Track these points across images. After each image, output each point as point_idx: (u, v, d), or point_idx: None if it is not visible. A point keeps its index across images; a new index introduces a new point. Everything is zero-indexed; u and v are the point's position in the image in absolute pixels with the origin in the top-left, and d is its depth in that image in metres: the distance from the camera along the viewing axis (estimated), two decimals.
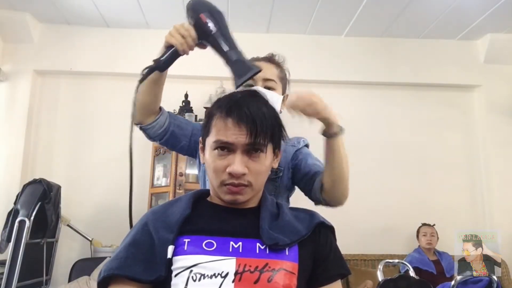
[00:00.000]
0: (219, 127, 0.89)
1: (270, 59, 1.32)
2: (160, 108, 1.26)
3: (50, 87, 3.44)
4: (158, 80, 1.15)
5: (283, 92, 1.31)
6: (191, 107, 3.18)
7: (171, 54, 1.06)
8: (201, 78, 3.38)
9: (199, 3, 1.07)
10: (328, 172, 1.12)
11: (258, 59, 1.31)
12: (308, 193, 1.22)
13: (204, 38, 1.06)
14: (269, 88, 1.25)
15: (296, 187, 1.30)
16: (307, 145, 1.35)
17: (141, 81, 1.06)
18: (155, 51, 1.07)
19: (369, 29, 3.49)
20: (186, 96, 3.20)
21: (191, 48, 1.06)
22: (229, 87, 3.20)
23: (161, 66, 1.08)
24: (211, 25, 1.05)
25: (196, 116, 3.14)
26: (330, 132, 1.09)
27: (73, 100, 3.44)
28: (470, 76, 3.66)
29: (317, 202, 1.20)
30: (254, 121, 0.86)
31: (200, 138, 0.97)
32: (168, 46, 1.07)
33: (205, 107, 3.17)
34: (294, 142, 1.32)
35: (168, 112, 1.29)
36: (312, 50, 3.57)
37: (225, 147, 0.88)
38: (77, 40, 3.39)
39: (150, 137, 1.29)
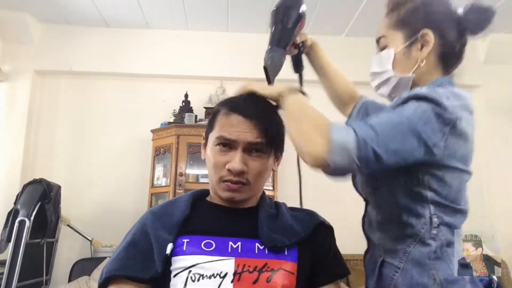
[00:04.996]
0: (223, 123, 0.89)
1: (386, 4, 1.09)
2: (360, 98, 1.24)
3: (50, 87, 3.44)
4: (317, 68, 1.25)
5: (414, 32, 1.01)
6: (191, 107, 3.17)
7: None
8: (201, 78, 3.37)
9: None
10: None
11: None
12: None
13: None
14: (382, 48, 1.10)
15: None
16: (415, 98, 0.86)
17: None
18: (155, 51, 1.07)
19: (369, 29, 3.47)
20: (186, 96, 3.19)
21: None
22: (229, 87, 3.19)
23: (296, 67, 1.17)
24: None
25: (196, 116, 3.13)
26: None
27: (73, 100, 3.43)
28: (470, 76, 3.63)
29: None
30: (259, 120, 0.87)
31: (204, 134, 0.97)
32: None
33: (205, 107, 3.16)
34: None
35: (365, 101, 1.22)
36: None
37: (226, 144, 0.88)
38: (77, 40, 3.39)
39: None
